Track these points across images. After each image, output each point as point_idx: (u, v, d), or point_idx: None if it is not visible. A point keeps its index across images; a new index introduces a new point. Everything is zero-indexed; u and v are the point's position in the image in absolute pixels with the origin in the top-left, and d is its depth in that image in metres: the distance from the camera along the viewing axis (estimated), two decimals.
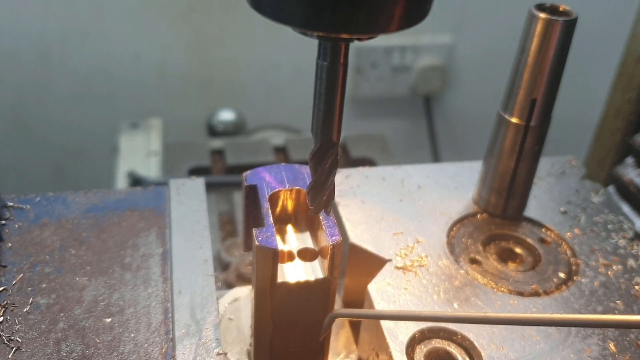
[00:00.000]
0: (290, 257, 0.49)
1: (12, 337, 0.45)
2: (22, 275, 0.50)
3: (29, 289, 0.49)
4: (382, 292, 0.50)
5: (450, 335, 0.47)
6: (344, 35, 0.35)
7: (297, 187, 0.50)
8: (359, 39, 0.35)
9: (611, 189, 0.75)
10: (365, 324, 0.51)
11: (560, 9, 0.51)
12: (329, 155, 0.41)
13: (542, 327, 0.48)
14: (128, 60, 1.44)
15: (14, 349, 0.44)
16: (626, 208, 0.72)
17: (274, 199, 0.50)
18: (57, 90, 1.45)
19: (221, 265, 0.86)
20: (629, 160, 0.75)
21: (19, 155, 1.53)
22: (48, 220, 0.55)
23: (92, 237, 0.53)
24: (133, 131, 1.24)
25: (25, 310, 0.47)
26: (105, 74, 1.45)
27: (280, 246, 0.48)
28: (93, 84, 1.46)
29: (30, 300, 0.48)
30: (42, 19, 1.36)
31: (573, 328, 0.48)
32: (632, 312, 0.50)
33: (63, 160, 1.56)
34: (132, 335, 0.46)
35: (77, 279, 0.50)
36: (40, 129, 1.50)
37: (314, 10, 0.32)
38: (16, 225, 0.54)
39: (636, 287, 0.53)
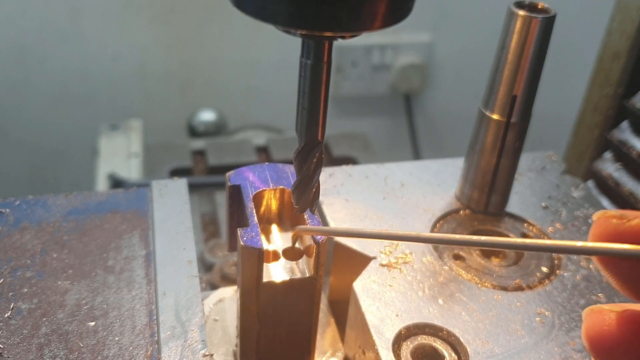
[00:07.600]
0: (275, 256, 0.49)
1: None
2: (2, 280, 0.49)
3: (10, 294, 0.48)
4: (368, 289, 0.50)
5: (436, 332, 0.47)
6: (328, 33, 0.35)
7: (281, 187, 0.50)
8: (343, 37, 0.35)
9: (590, 183, 0.76)
10: (352, 322, 0.51)
11: (539, 7, 0.51)
12: (313, 153, 0.41)
13: (526, 322, 0.48)
14: (107, 61, 1.43)
15: None
16: (605, 202, 0.73)
17: (258, 198, 0.50)
18: (34, 91, 1.43)
19: (205, 266, 0.85)
20: (607, 155, 0.76)
21: None
22: (28, 224, 0.54)
23: (74, 240, 0.53)
24: (113, 133, 1.23)
25: (6, 315, 0.46)
26: (84, 75, 1.43)
27: (266, 246, 0.48)
28: (71, 85, 1.44)
29: (12, 306, 0.47)
30: (19, 19, 1.34)
31: (557, 321, 0.49)
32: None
33: (42, 162, 1.54)
34: (117, 338, 0.45)
35: (59, 282, 0.49)
36: (18, 131, 1.48)
37: (298, 8, 0.32)
38: None
39: None
